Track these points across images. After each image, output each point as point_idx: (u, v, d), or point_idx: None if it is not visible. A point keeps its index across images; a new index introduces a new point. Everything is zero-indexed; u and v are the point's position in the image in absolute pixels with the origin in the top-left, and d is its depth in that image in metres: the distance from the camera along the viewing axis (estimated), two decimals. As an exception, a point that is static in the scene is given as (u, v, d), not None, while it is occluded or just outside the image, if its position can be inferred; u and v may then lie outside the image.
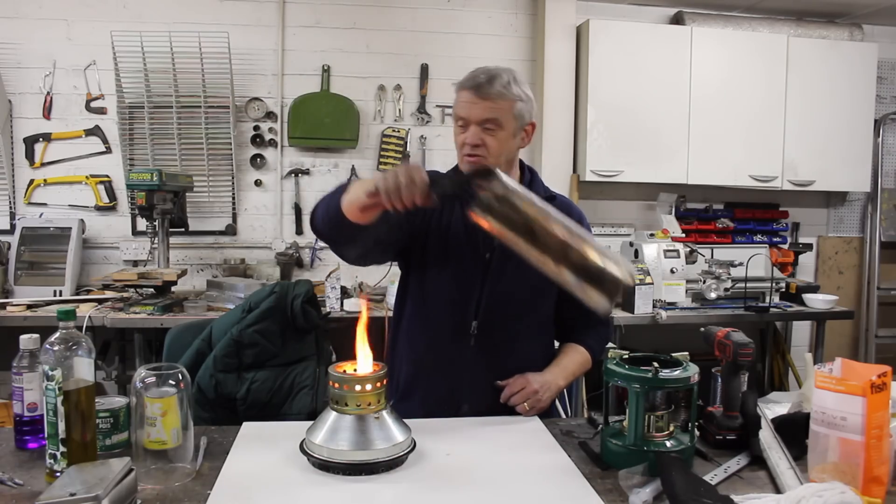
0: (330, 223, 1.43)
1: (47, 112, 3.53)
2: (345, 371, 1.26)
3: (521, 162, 1.72)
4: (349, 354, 1.31)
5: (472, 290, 1.60)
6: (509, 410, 1.53)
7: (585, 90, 3.70)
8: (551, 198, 1.66)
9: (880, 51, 3.97)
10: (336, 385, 1.23)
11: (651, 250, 3.46)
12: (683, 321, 3.33)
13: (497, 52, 3.86)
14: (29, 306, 3.07)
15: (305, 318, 1.84)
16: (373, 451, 1.19)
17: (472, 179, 1.29)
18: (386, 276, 3.38)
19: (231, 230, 3.72)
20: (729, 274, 3.46)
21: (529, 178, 1.69)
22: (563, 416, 1.74)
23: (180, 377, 1.19)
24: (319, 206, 1.49)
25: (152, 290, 3.18)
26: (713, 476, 1.18)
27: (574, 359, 1.68)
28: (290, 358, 1.85)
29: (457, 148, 1.60)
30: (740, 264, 3.52)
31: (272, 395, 1.81)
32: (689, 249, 3.59)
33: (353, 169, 3.77)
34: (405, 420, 1.28)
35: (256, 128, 3.70)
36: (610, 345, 1.73)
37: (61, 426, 1.11)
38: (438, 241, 1.63)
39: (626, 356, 1.29)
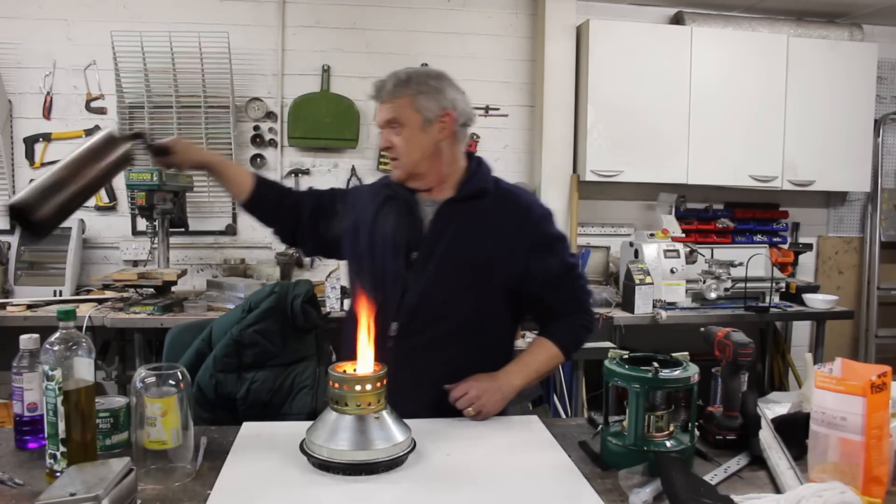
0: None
1: (47, 112, 3.54)
2: (345, 371, 1.26)
3: (469, 154, 1.69)
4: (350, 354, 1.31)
5: (395, 290, 1.57)
6: (436, 413, 1.47)
7: (585, 90, 3.70)
8: (482, 191, 1.61)
9: (880, 51, 3.97)
10: (336, 385, 1.23)
11: (651, 250, 3.46)
12: (683, 321, 3.33)
13: (497, 52, 3.86)
14: (29, 306, 3.07)
15: (305, 318, 1.84)
16: (373, 451, 1.19)
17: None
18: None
19: (231, 230, 3.72)
20: (729, 274, 3.46)
21: (476, 169, 1.65)
22: (563, 416, 1.74)
23: (180, 377, 1.19)
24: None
25: (152, 290, 3.18)
26: (713, 476, 1.18)
27: (538, 355, 1.62)
28: (290, 358, 1.84)
29: None
30: (740, 264, 3.51)
31: (272, 395, 1.81)
32: (689, 249, 3.59)
33: (353, 169, 3.77)
34: (405, 420, 1.29)
35: (256, 128, 3.70)
36: (610, 345, 1.72)
37: (61, 426, 1.11)
38: (365, 240, 1.63)
39: (626, 356, 1.29)
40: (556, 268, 1.62)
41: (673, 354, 1.28)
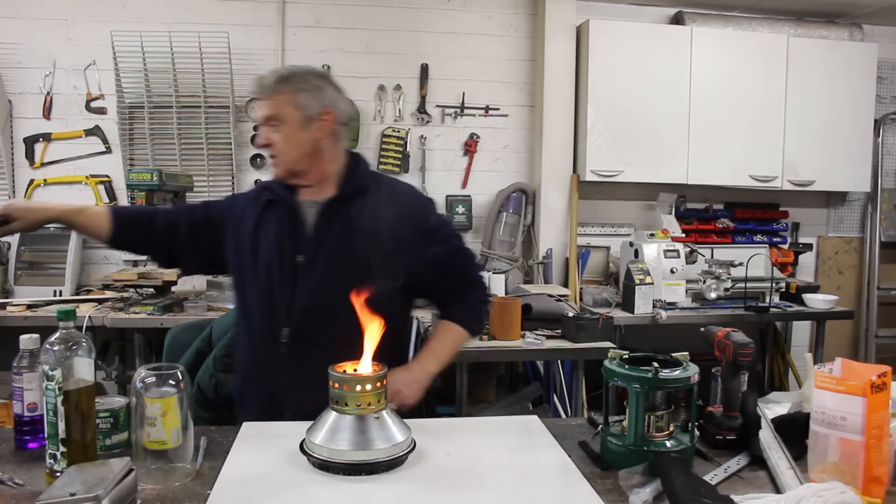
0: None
1: (47, 112, 3.54)
2: (345, 371, 1.26)
3: (348, 151, 1.68)
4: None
5: (283, 296, 1.55)
6: None
7: (585, 90, 3.70)
8: (363, 188, 1.60)
9: (880, 51, 3.97)
10: (336, 385, 1.23)
11: (651, 250, 3.46)
12: (683, 321, 3.33)
13: (497, 52, 3.86)
14: (29, 306, 3.07)
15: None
16: (373, 451, 1.19)
17: None
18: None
19: (231, 230, 3.72)
20: (729, 274, 3.46)
21: (355, 166, 1.65)
22: (563, 416, 1.74)
23: (180, 377, 1.19)
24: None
25: (152, 290, 3.18)
26: (713, 476, 1.18)
27: (445, 339, 1.66)
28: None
29: None
30: (740, 264, 3.51)
31: (272, 395, 1.81)
32: (689, 249, 3.59)
33: (353, 169, 3.77)
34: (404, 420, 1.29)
35: (256, 128, 3.68)
36: (610, 345, 1.72)
37: (61, 426, 1.11)
38: (248, 248, 1.60)
39: (626, 356, 1.29)
40: (444, 253, 1.65)
41: (673, 354, 1.28)
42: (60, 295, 3.23)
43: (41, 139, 3.54)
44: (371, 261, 1.54)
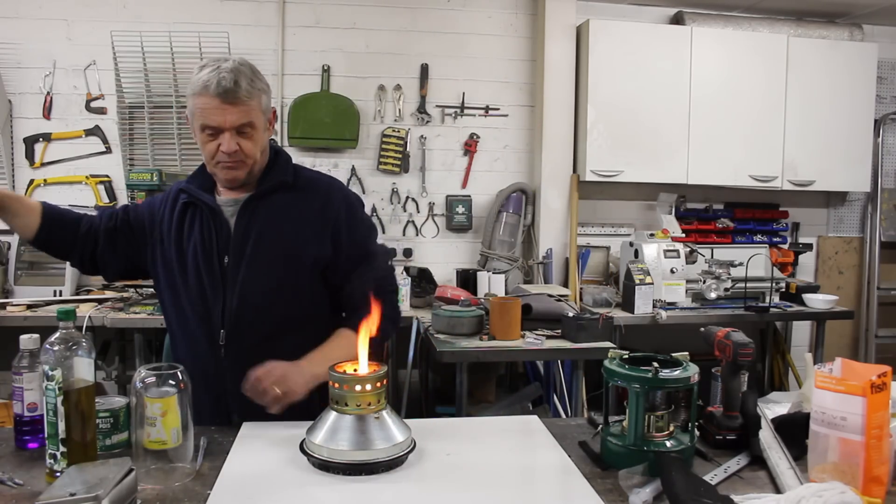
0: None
1: (47, 112, 3.54)
2: (345, 371, 1.26)
3: (270, 145, 1.62)
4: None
5: (216, 298, 1.51)
6: (280, 415, 1.39)
7: (585, 90, 3.70)
8: (283, 183, 1.55)
9: (880, 51, 3.97)
10: (336, 385, 1.23)
11: (651, 250, 3.46)
12: (683, 321, 3.33)
13: (497, 52, 3.86)
14: (29, 306, 3.07)
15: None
16: (373, 451, 1.19)
17: None
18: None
19: (231, 230, 3.72)
20: (729, 274, 3.46)
21: (274, 161, 1.58)
22: (563, 416, 1.73)
23: (180, 377, 1.19)
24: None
25: (152, 289, 3.17)
26: (713, 476, 1.18)
27: (336, 344, 1.52)
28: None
29: (206, 156, 1.51)
30: (740, 264, 3.51)
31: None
32: (689, 249, 3.59)
33: (353, 169, 3.77)
34: (405, 420, 1.29)
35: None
36: (610, 345, 1.70)
37: (61, 426, 1.11)
38: (173, 252, 1.56)
39: (626, 356, 1.29)
40: (357, 253, 1.58)
41: (673, 354, 1.28)
42: (60, 295, 3.23)
43: (41, 139, 3.54)
44: (294, 256, 1.52)
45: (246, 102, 1.44)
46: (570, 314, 2.84)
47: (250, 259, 1.51)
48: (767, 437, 1.28)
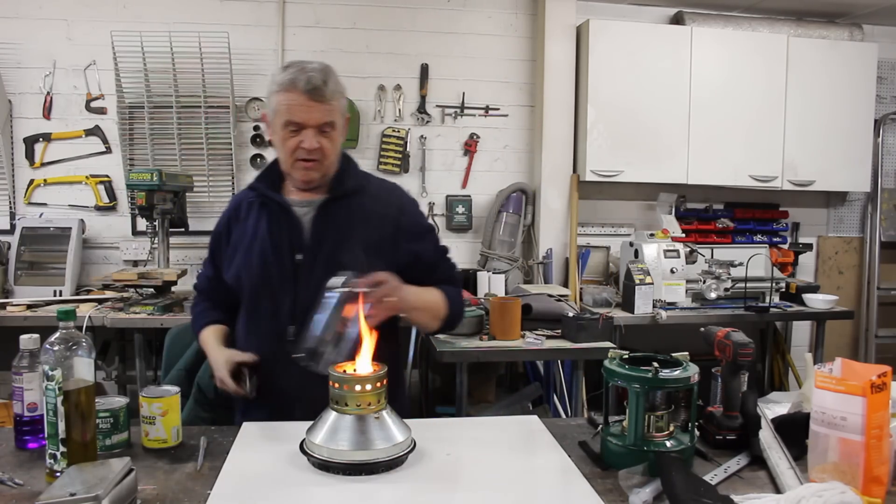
0: None
1: (47, 112, 3.54)
2: (345, 371, 1.26)
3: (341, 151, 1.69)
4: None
5: (284, 295, 1.56)
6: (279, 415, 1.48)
7: (585, 90, 3.70)
8: (360, 187, 1.62)
9: (880, 51, 3.97)
10: (336, 385, 1.23)
11: (651, 250, 3.46)
12: (683, 321, 3.33)
13: (497, 52, 3.86)
14: (29, 306, 3.07)
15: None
16: (373, 451, 1.19)
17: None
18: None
19: (231, 230, 3.72)
20: (729, 274, 3.46)
21: (346, 167, 1.65)
22: (563, 416, 1.73)
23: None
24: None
25: (152, 290, 3.18)
26: (713, 476, 1.18)
27: (429, 291, 1.61)
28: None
29: (285, 154, 1.55)
30: (740, 264, 3.51)
31: (272, 395, 1.81)
32: (689, 249, 3.59)
33: (353, 169, 3.76)
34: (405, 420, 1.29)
35: (256, 128, 3.70)
36: (610, 345, 1.70)
37: (61, 426, 1.11)
38: (242, 252, 1.61)
39: (626, 356, 1.29)
40: (432, 252, 1.67)
41: (673, 354, 1.28)
42: (60, 295, 3.23)
43: (41, 139, 3.54)
44: (367, 257, 1.54)
45: (330, 102, 1.50)
46: (570, 314, 2.84)
47: (328, 258, 1.54)
48: (767, 437, 1.28)
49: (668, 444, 1.21)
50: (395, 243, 1.60)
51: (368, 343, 1.29)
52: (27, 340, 1.27)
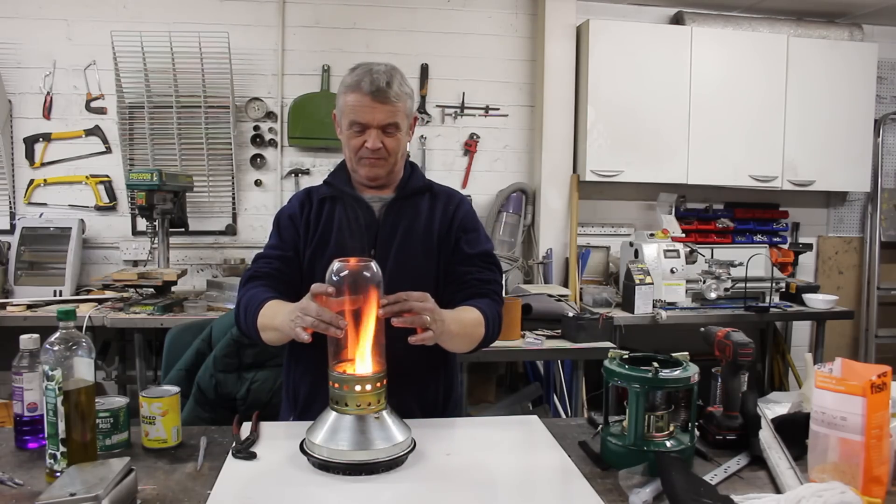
0: (249, 337, 1.53)
1: (47, 112, 3.54)
2: (345, 371, 1.26)
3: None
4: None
5: None
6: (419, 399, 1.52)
7: (585, 90, 3.70)
8: (426, 187, 1.67)
9: (880, 51, 3.97)
10: (336, 385, 1.23)
11: (651, 250, 3.46)
12: (683, 321, 3.33)
13: (497, 52, 3.86)
14: (29, 306, 3.07)
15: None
16: (373, 451, 1.19)
17: None
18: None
19: (231, 230, 3.72)
20: (729, 274, 3.46)
21: (410, 171, 1.68)
22: (563, 416, 1.73)
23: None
24: (238, 315, 1.54)
25: (152, 290, 3.18)
26: (713, 476, 1.18)
27: (468, 312, 1.54)
28: (290, 358, 1.84)
29: (350, 152, 1.58)
30: (740, 264, 3.51)
31: (272, 395, 1.81)
32: (689, 249, 3.59)
33: (353, 169, 3.77)
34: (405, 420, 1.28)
35: (256, 128, 3.70)
36: (610, 345, 1.70)
37: (61, 426, 1.11)
38: (320, 246, 1.60)
39: (626, 356, 1.29)
40: (472, 247, 1.66)
41: (673, 354, 1.28)
42: (60, 295, 3.23)
43: (41, 139, 3.54)
44: (431, 252, 1.61)
45: (394, 103, 1.53)
46: (570, 314, 2.84)
47: (397, 252, 1.57)
48: (767, 437, 1.28)
49: (668, 444, 1.21)
50: (450, 239, 1.64)
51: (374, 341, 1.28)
52: (27, 340, 1.27)
